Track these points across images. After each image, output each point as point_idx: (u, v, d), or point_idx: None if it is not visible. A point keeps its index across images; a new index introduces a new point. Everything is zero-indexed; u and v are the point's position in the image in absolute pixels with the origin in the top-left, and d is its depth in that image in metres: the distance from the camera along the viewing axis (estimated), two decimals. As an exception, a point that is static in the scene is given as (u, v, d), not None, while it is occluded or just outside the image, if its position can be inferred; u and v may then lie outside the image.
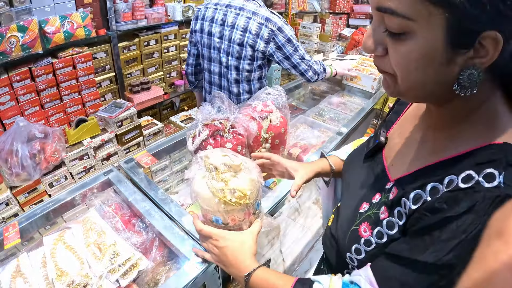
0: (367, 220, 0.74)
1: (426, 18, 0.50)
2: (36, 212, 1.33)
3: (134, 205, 1.32)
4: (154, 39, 3.21)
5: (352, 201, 0.84)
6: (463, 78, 0.53)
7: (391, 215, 0.68)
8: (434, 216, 0.57)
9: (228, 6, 2.00)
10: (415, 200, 0.62)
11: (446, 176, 0.58)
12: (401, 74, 0.57)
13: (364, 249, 0.73)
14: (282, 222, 2.05)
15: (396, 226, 0.66)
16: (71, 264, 1.07)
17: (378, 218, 0.71)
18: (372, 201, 0.76)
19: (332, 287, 0.71)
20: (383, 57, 0.60)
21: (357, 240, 0.75)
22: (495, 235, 0.41)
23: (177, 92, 3.61)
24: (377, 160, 0.84)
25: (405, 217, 0.64)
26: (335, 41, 5.59)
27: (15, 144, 2.07)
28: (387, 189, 0.73)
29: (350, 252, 0.77)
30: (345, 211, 0.86)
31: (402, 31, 0.53)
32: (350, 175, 0.95)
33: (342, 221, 0.85)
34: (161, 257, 1.20)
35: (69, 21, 2.44)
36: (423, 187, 0.61)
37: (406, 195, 0.64)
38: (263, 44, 1.94)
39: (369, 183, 0.82)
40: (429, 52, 0.53)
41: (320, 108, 2.50)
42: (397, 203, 0.67)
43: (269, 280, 0.82)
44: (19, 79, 2.28)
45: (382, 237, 0.69)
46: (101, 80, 2.91)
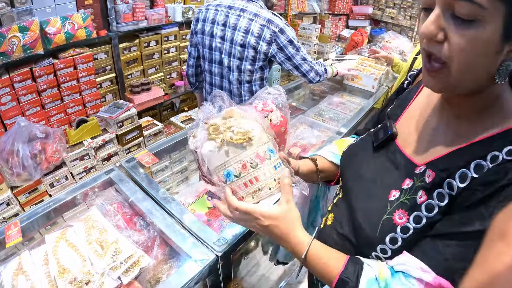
0: (401, 207, 0.74)
1: (495, 9, 0.54)
2: (38, 211, 1.34)
3: (135, 203, 1.33)
4: (155, 40, 3.22)
5: (374, 192, 0.82)
6: (503, 69, 0.60)
7: (430, 197, 0.70)
8: (488, 188, 0.61)
9: (230, 8, 2.00)
10: (462, 179, 0.65)
11: (487, 154, 0.63)
12: (460, 61, 0.60)
13: (401, 237, 0.72)
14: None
15: (436, 207, 0.69)
16: (73, 262, 1.08)
17: (415, 203, 0.72)
18: (402, 188, 0.76)
19: (382, 272, 0.70)
20: (439, 44, 0.62)
21: (393, 229, 0.74)
22: (498, 236, 0.41)
23: (177, 93, 3.62)
24: (393, 150, 0.84)
25: (448, 197, 0.67)
26: (334, 42, 5.60)
27: (16, 144, 2.07)
28: (419, 173, 0.74)
29: (384, 243, 0.75)
30: (367, 203, 0.83)
31: (472, 18, 0.56)
32: (360, 167, 0.91)
33: (367, 215, 0.81)
34: (162, 255, 1.21)
35: (70, 22, 2.45)
36: (466, 165, 0.65)
37: (452, 176, 0.67)
38: (265, 46, 1.95)
39: (391, 171, 0.82)
40: (490, 40, 0.57)
41: (320, 108, 2.51)
42: (438, 185, 0.69)
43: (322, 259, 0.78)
44: (20, 79, 2.28)
45: (420, 221, 0.70)
46: (102, 81, 2.91)
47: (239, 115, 0.91)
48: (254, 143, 0.87)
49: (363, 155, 0.93)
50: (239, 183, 0.87)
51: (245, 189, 0.86)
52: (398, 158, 0.82)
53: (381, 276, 0.70)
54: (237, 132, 0.85)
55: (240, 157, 0.86)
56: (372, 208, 0.80)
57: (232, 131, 0.85)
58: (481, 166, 0.63)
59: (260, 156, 0.87)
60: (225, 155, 0.85)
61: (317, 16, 5.55)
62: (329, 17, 5.57)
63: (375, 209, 0.79)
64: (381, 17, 5.91)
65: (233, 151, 0.85)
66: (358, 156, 0.96)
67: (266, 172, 0.87)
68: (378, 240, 0.75)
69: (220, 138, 0.85)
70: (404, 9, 5.61)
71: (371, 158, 0.90)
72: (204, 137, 0.90)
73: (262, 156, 0.87)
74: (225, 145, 0.85)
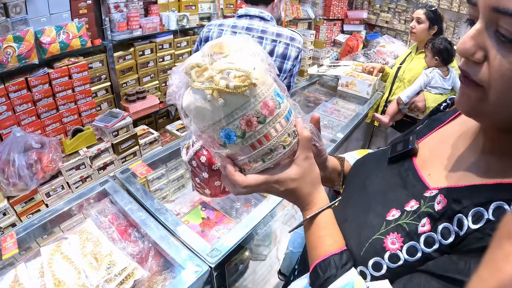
0: (397, 231, 0.63)
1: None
2: (34, 222, 1.35)
3: (130, 215, 1.34)
4: (149, 48, 3.23)
5: (374, 206, 0.72)
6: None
7: (434, 230, 0.59)
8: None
9: (249, 30, 1.92)
10: (476, 219, 0.54)
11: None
12: (499, 88, 0.51)
13: (387, 265, 0.62)
14: (278, 229, 2.07)
15: (437, 244, 0.58)
16: (68, 274, 1.09)
17: (415, 231, 0.61)
18: (405, 209, 0.65)
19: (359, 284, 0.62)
20: (478, 64, 0.52)
21: (380, 253, 0.63)
22: (506, 237, 0.39)
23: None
24: (407, 166, 0.75)
25: (454, 236, 0.56)
26: (329, 47, 5.63)
27: (11, 154, 2.08)
28: (428, 197, 0.64)
29: (365, 266, 0.65)
30: (363, 216, 0.73)
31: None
32: (367, 177, 0.82)
33: (358, 228, 0.71)
34: (157, 266, 1.22)
35: (65, 32, 2.46)
36: (486, 205, 0.54)
37: (464, 212, 0.56)
38: (290, 64, 1.93)
39: (398, 188, 0.71)
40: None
41: (314, 115, 2.53)
42: (448, 218, 0.58)
43: (323, 230, 0.72)
44: (15, 89, 2.29)
45: (414, 253, 0.59)
46: (97, 90, 2.92)
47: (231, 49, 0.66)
48: (259, 88, 0.63)
49: (374, 166, 0.85)
50: (244, 146, 0.66)
51: (252, 153, 0.66)
52: (410, 176, 0.71)
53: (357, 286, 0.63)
54: (234, 76, 0.61)
55: (242, 111, 0.63)
56: (365, 223, 0.70)
57: (227, 75, 0.61)
58: (502, 209, 0.52)
59: (268, 106, 0.65)
60: (220, 110, 0.62)
61: (312, 21, 5.58)
62: (324, 22, 5.60)
63: (368, 224, 0.69)
64: (376, 22, 5.95)
65: (231, 102, 0.62)
66: (369, 165, 0.88)
67: (277, 126, 0.66)
68: (360, 260, 0.66)
69: (211, 87, 0.60)
70: (398, 13, 5.65)
71: (382, 170, 0.80)
72: (183, 84, 0.67)
73: (271, 105, 0.65)
74: (219, 96, 0.61)
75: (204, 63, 0.64)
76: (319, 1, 5.47)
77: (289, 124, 0.68)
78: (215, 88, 0.60)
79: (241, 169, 0.70)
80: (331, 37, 5.75)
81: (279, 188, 0.70)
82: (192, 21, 3.49)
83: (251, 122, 0.63)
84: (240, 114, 0.62)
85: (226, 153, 0.68)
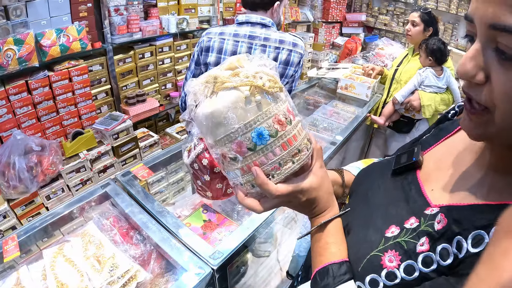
0: (395, 248, 0.62)
1: None
2: (35, 225, 1.35)
3: (131, 217, 1.34)
4: (149, 51, 3.24)
5: (375, 220, 0.71)
6: None
7: (432, 250, 0.57)
8: None
9: (252, 38, 1.90)
10: (475, 242, 0.52)
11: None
12: (506, 108, 0.48)
13: (384, 283, 0.60)
14: (278, 231, 2.07)
15: (435, 264, 0.56)
16: (71, 277, 1.09)
17: (414, 250, 0.59)
18: (404, 226, 0.64)
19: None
20: (480, 86, 0.50)
21: (377, 270, 0.62)
22: (504, 234, 0.39)
23: (173, 104, 3.63)
24: (410, 180, 0.72)
25: (453, 258, 0.54)
26: (328, 50, 5.66)
27: (12, 157, 2.09)
28: (429, 215, 0.62)
29: (362, 282, 0.63)
30: (363, 231, 0.72)
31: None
32: (370, 189, 0.81)
33: (357, 243, 0.71)
34: (159, 268, 1.22)
35: (65, 34, 2.47)
36: (487, 228, 0.51)
37: (464, 234, 0.54)
38: (293, 69, 1.95)
39: (400, 203, 0.69)
40: None
41: (314, 118, 2.54)
42: (447, 239, 0.56)
43: (330, 238, 0.72)
44: (15, 92, 2.29)
45: (412, 273, 0.58)
46: (97, 93, 2.92)
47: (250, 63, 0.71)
48: (283, 93, 0.69)
49: (378, 177, 0.82)
50: (275, 147, 0.66)
51: (283, 153, 0.66)
52: (413, 191, 0.69)
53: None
54: (268, 79, 0.65)
55: (274, 110, 0.65)
56: (365, 238, 0.69)
57: (260, 78, 0.65)
58: None
59: (290, 111, 0.69)
60: (256, 108, 0.64)
61: (310, 24, 5.60)
62: (323, 25, 5.62)
63: (368, 240, 0.68)
64: (375, 24, 5.97)
65: (265, 101, 0.65)
66: (373, 176, 0.86)
67: (299, 128, 0.70)
68: (357, 275, 0.65)
69: (250, 82, 0.63)
70: (397, 16, 5.67)
71: (385, 182, 0.79)
72: (204, 92, 0.67)
73: (291, 110, 0.70)
74: (257, 93, 0.64)
75: (223, 75, 0.66)
76: (318, 4, 5.49)
77: (304, 130, 0.72)
78: (254, 84, 0.62)
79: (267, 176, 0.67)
80: (330, 39, 5.78)
81: (301, 198, 0.70)
82: (192, 24, 3.50)
83: (282, 122, 0.66)
84: (272, 113, 0.65)
85: (253, 160, 0.66)
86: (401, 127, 2.78)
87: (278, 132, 0.65)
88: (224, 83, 0.63)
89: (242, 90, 0.63)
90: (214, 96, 0.65)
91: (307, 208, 0.74)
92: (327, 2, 5.59)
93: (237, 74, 0.65)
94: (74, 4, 2.53)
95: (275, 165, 0.67)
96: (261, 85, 0.63)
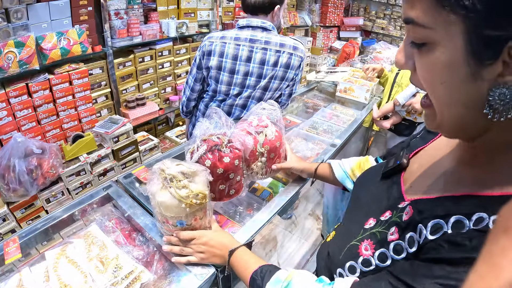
0: (371, 238, 0.69)
1: (444, 27, 0.47)
2: (37, 227, 1.34)
3: (134, 219, 1.34)
4: (149, 55, 3.25)
5: (358, 216, 0.80)
6: (494, 99, 0.47)
7: (402, 238, 0.62)
8: (453, 250, 0.51)
9: (253, 41, 1.93)
10: (434, 230, 0.55)
11: (476, 212, 0.51)
12: (428, 90, 0.55)
13: (361, 269, 0.68)
14: (278, 234, 2.08)
15: (405, 252, 0.61)
16: (75, 278, 1.09)
17: (385, 239, 0.65)
18: (380, 218, 0.71)
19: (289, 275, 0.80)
20: (415, 73, 0.57)
21: (355, 258, 0.70)
22: (502, 231, 0.40)
23: (172, 108, 3.64)
24: (395, 180, 0.79)
25: (417, 245, 0.58)
26: (326, 53, 5.68)
27: (12, 160, 2.08)
28: (400, 208, 0.68)
29: (343, 268, 0.72)
30: (348, 224, 0.84)
31: (424, 41, 0.50)
32: (362, 190, 0.91)
33: (342, 234, 0.82)
34: (162, 270, 1.22)
35: (66, 38, 2.48)
36: (445, 217, 0.55)
37: (424, 222, 0.58)
38: (293, 72, 1.98)
39: (381, 201, 0.77)
40: (452, 63, 0.48)
41: (314, 121, 2.54)
42: (412, 228, 0.61)
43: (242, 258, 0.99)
44: (16, 94, 2.30)
45: (385, 260, 0.64)
46: (97, 96, 2.93)
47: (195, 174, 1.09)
48: (207, 203, 1.10)
49: (371, 179, 0.91)
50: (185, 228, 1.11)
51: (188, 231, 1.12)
52: (394, 189, 0.76)
53: (286, 278, 0.79)
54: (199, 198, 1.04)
55: (195, 215, 1.09)
56: (348, 231, 0.80)
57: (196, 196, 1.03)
58: (462, 224, 0.52)
59: (206, 211, 1.12)
60: (185, 211, 1.05)
61: (308, 28, 5.63)
62: (321, 29, 5.65)
63: (350, 232, 0.78)
64: (372, 28, 6.01)
65: (192, 211, 1.06)
66: (367, 179, 0.96)
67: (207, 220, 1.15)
68: (339, 263, 0.74)
69: (188, 202, 1.02)
70: (394, 20, 5.71)
71: (375, 184, 0.87)
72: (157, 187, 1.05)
73: (207, 209, 1.13)
74: (188, 207, 1.03)
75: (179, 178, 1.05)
76: (316, 8, 5.53)
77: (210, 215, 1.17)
78: (189, 203, 1.02)
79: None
80: (328, 43, 5.81)
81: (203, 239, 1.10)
82: (191, 28, 3.52)
83: (197, 219, 1.10)
84: (193, 215, 1.08)
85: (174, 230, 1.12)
86: (402, 130, 2.79)
87: (193, 223, 1.10)
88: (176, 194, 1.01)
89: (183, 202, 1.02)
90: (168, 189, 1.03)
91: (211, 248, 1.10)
92: (325, 6, 5.64)
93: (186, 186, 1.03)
94: (75, 7, 2.55)
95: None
96: (194, 203, 1.03)
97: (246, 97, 2.06)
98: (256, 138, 1.37)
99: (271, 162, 1.42)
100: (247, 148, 1.35)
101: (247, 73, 1.98)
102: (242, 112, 2.10)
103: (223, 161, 1.24)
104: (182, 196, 1.01)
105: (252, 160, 1.39)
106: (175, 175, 1.04)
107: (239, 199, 1.59)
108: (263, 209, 1.42)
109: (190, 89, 2.19)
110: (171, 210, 1.04)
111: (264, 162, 1.41)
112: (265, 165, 1.42)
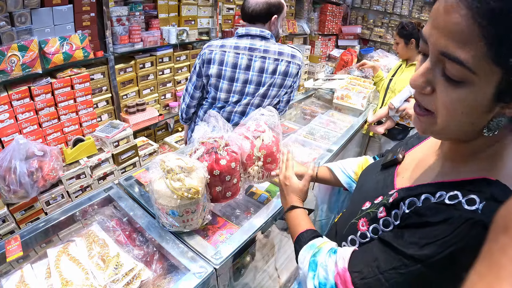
0: (366, 216, 0.86)
1: (486, 74, 0.54)
2: (38, 226, 1.37)
3: (134, 220, 1.37)
4: (150, 61, 3.28)
5: (358, 200, 0.96)
6: (493, 124, 0.62)
7: (389, 215, 0.79)
8: (417, 218, 0.69)
9: (252, 50, 1.97)
10: (409, 206, 0.73)
11: (438, 191, 0.68)
12: (445, 115, 0.63)
13: (359, 241, 0.86)
14: (276, 238, 2.10)
15: (392, 225, 0.78)
16: (76, 275, 1.11)
17: (376, 216, 0.82)
18: (374, 202, 0.87)
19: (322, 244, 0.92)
20: (427, 95, 0.64)
21: (354, 232, 0.88)
22: (502, 230, 0.41)
23: (172, 114, 3.66)
24: (390, 172, 0.96)
25: (399, 219, 0.75)
26: (324, 61, 5.73)
27: (13, 162, 2.10)
28: (389, 194, 0.84)
29: (346, 241, 0.91)
30: (351, 207, 1.01)
31: (461, 79, 0.57)
32: (364, 179, 1.08)
33: (346, 215, 1.00)
34: (161, 269, 1.25)
35: (68, 43, 2.51)
36: (418, 196, 0.72)
37: (404, 200, 0.75)
38: (291, 80, 2.03)
39: (377, 188, 0.94)
40: (478, 102, 0.58)
41: (311, 127, 2.58)
42: (396, 206, 0.77)
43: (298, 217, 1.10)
44: (18, 97, 2.32)
45: (377, 232, 0.81)
46: (98, 101, 2.96)
47: (192, 169, 1.19)
48: (200, 199, 1.19)
49: (372, 171, 1.08)
50: (178, 219, 1.22)
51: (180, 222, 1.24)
52: (389, 180, 0.93)
53: (319, 245, 0.91)
54: (192, 192, 1.15)
55: (187, 208, 1.19)
56: (350, 211, 0.97)
57: (189, 190, 1.14)
58: (429, 200, 0.69)
59: (199, 206, 1.22)
60: (176, 202, 1.15)
61: (307, 36, 5.69)
62: (319, 37, 5.71)
63: (351, 212, 0.95)
64: (370, 36, 6.08)
65: (184, 203, 1.16)
66: (370, 170, 1.11)
67: (199, 215, 1.25)
68: (343, 237, 0.93)
69: (179, 194, 1.13)
70: (391, 28, 5.79)
71: (374, 174, 1.04)
72: (156, 176, 1.18)
73: (201, 204, 1.23)
74: (179, 199, 1.14)
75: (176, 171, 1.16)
76: (314, 17, 5.58)
77: (205, 212, 1.31)
78: (180, 195, 1.13)
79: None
80: (326, 52, 5.87)
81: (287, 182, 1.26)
82: (192, 35, 3.56)
83: (188, 212, 1.20)
84: (184, 208, 1.18)
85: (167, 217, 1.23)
86: (396, 134, 2.83)
87: (184, 215, 1.21)
88: (170, 185, 1.13)
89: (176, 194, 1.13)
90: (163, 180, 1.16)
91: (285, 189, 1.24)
92: (323, 15, 5.70)
93: (180, 180, 1.14)
94: (78, 13, 2.58)
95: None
96: (186, 196, 1.13)
97: (245, 104, 2.09)
98: (253, 143, 1.40)
99: (268, 167, 1.46)
100: (244, 152, 1.38)
101: (246, 81, 2.01)
102: (241, 119, 2.12)
103: (219, 163, 1.28)
104: (175, 188, 1.13)
105: (249, 164, 1.42)
106: (173, 167, 1.15)
107: (237, 203, 1.62)
108: (260, 211, 1.45)
109: (190, 96, 2.22)
110: (164, 199, 1.15)
111: (261, 166, 1.44)
112: (261, 169, 1.45)
